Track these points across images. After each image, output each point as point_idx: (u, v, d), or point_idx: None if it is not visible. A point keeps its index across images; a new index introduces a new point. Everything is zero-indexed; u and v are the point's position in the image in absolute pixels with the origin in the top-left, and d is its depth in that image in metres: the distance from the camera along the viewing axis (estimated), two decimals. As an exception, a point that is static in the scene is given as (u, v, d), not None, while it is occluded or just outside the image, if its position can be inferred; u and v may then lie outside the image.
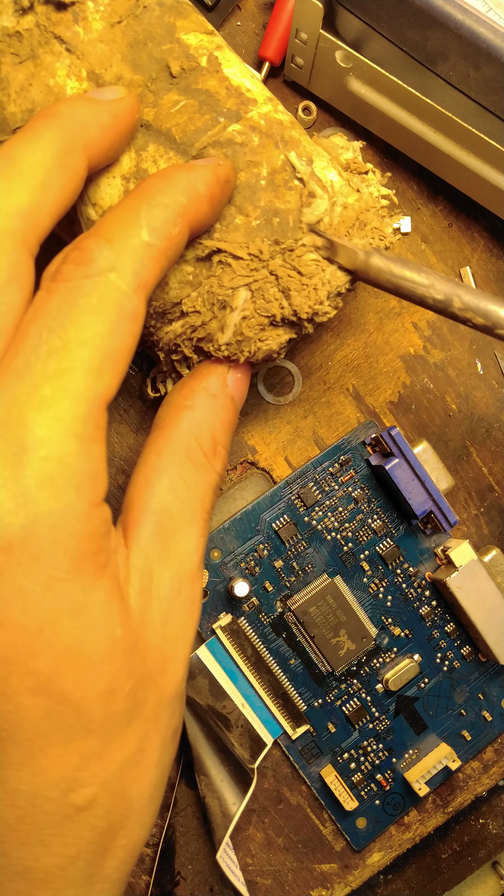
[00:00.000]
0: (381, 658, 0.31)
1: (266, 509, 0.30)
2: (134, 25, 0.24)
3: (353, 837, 0.31)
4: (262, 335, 0.24)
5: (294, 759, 0.31)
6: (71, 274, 0.19)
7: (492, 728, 0.32)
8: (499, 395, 0.33)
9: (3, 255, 0.19)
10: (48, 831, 0.18)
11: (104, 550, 0.19)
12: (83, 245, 0.19)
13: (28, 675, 0.17)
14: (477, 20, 0.25)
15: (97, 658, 0.18)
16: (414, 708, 0.31)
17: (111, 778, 0.19)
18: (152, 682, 0.20)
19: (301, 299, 0.24)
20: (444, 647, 0.31)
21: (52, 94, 0.24)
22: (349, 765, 0.31)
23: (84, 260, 0.19)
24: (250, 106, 0.24)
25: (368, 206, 0.25)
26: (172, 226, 0.20)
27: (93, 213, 0.24)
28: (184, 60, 0.24)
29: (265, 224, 0.23)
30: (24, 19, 0.24)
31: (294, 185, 0.24)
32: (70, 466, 0.17)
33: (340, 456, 0.31)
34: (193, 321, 0.24)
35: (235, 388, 0.24)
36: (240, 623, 0.30)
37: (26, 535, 0.17)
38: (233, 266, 0.23)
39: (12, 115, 0.24)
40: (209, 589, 0.30)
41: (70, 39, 0.24)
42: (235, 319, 0.24)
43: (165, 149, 0.24)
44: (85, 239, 0.19)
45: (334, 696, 0.31)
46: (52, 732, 0.18)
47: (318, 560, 0.31)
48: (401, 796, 0.31)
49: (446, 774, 0.31)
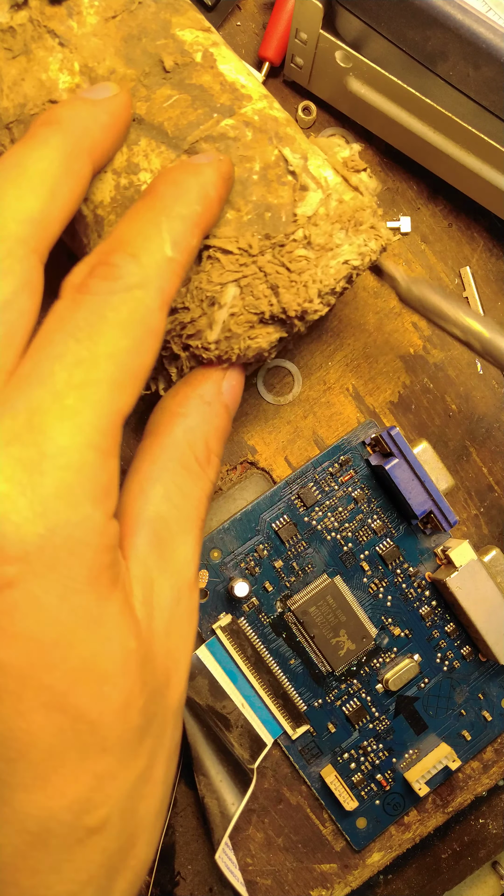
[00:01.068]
0: (381, 658, 0.31)
1: (266, 509, 0.30)
2: (128, 20, 0.24)
3: (354, 837, 0.31)
4: (251, 333, 0.24)
5: (294, 759, 0.31)
6: (99, 288, 0.19)
7: (492, 728, 0.32)
8: (499, 395, 0.33)
9: (17, 263, 0.19)
10: (60, 857, 0.17)
11: (117, 563, 0.18)
12: (110, 260, 0.19)
13: (42, 690, 0.17)
14: (477, 20, 0.25)
15: (113, 671, 0.18)
16: (414, 708, 0.31)
17: (124, 797, 0.18)
18: (160, 695, 0.19)
19: (290, 296, 0.24)
20: (444, 647, 0.31)
21: (45, 88, 0.24)
22: (349, 765, 0.31)
23: (112, 275, 0.19)
24: (244, 102, 0.24)
25: (364, 206, 0.25)
26: (191, 237, 0.20)
27: (84, 208, 0.24)
28: (178, 56, 0.24)
29: (256, 219, 0.23)
30: (18, 15, 0.23)
31: (287, 181, 0.24)
32: (88, 477, 0.17)
33: (340, 456, 0.31)
34: (182, 318, 0.24)
35: (230, 395, 0.24)
36: (240, 623, 0.30)
37: (44, 544, 0.17)
38: (222, 261, 0.23)
39: (4, 110, 0.24)
40: (209, 589, 0.30)
41: (63, 34, 0.24)
42: (224, 316, 0.24)
43: (157, 143, 0.24)
44: (111, 253, 0.19)
45: (334, 696, 0.31)
46: (66, 751, 0.17)
47: (318, 560, 0.31)
48: (401, 796, 0.31)
49: (446, 774, 0.31)
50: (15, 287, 0.18)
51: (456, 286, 0.33)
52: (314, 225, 0.24)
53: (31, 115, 0.24)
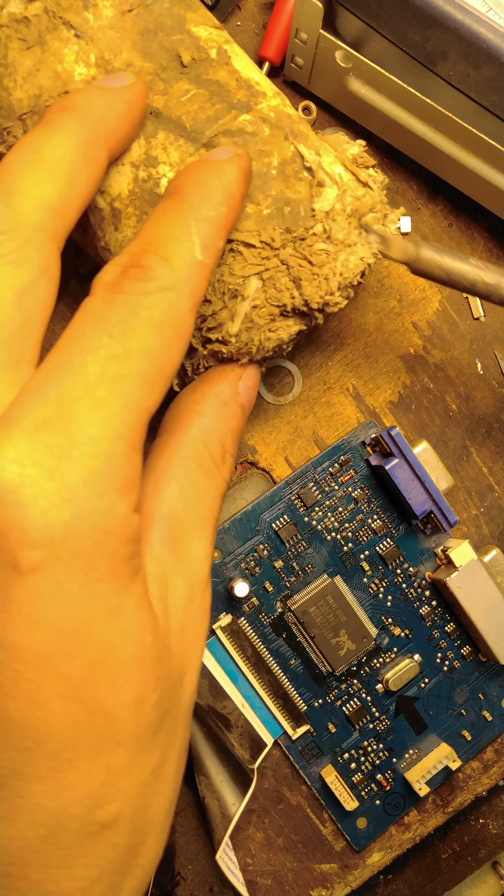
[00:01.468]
0: (381, 658, 0.31)
1: (266, 509, 0.30)
2: (144, 14, 0.24)
3: (354, 837, 0.31)
4: (272, 325, 0.24)
5: (294, 759, 0.31)
6: (133, 288, 0.19)
7: (492, 728, 0.32)
8: (499, 395, 0.33)
9: (35, 250, 0.19)
10: (71, 851, 0.17)
11: (137, 556, 0.18)
12: (142, 262, 0.19)
13: (60, 679, 0.17)
14: (477, 20, 0.25)
15: (129, 663, 0.18)
16: (414, 708, 0.31)
17: (136, 793, 0.18)
18: (174, 692, 0.19)
19: (312, 289, 0.24)
20: (444, 647, 0.31)
21: (60, 79, 0.24)
22: (349, 765, 0.31)
23: (145, 276, 0.19)
24: (260, 98, 0.24)
25: (375, 202, 0.25)
26: (219, 240, 0.21)
27: (101, 201, 0.24)
28: (194, 51, 0.24)
29: (276, 213, 0.24)
30: (33, 5, 0.23)
31: (303, 177, 0.24)
32: (116, 468, 0.17)
33: (340, 456, 0.31)
34: (203, 310, 0.24)
35: (246, 395, 0.24)
36: (240, 623, 0.30)
37: (69, 531, 0.16)
38: (244, 254, 0.23)
39: (18, 100, 0.24)
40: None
41: (79, 25, 0.24)
42: (246, 308, 0.24)
43: (175, 136, 0.24)
44: (142, 255, 0.19)
45: (334, 697, 0.31)
46: (81, 743, 0.17)
47: (318, 560, 0.31)
48: (401, 796, 0.31)
49: (447, 774, 0.31)
50: (33, 275, 0.19)
51: (456, 286, 0.33)
52: (332, 220, 0.24)
53: (45, 106, 0.24)
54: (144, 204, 0.24)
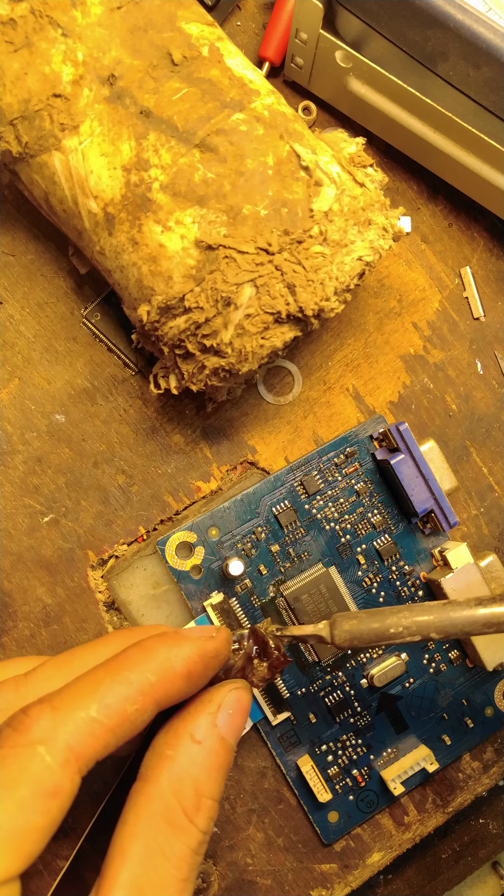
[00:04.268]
0: (368, 653, 0.31)
1: (267, 493, 0.30)
2: (134, 11, 0.24)
3: (324, 831, 0.31)
4: (266, 333, 0.24)
5: (272, 745, 0.30)
6: (5, 740, 0.18)
7: (472, 735, 0.31)
8: (499, 395, 0.33)
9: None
10: None
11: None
12: (29, 711, 0.18)
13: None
14: (477, 20, 0.25)
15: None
16: (396, 707, 0.31)
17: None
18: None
19: (307, 295, 0.23)
20: (432, 650, 0.31)
21: (48, 82, 0.23)
22: (326, 757, 0.31)
23: (22, 727, 0.18)
24: (254, 97, 0.24)
25: (373, 201, 0.25)
26: (130, 703, 0.19)
27: (94, 205, 0.24)
28: (185, 49, 0.24)
29: (274, 214, 0.23)
30: (19, 6, 0.23)
31: (300, 177, 0.24)
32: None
33: (346, 447, 0.31)
34: (197, 317, 0.24)
35: (227, 726, 0.22)
36: (231, 603, 0.30)
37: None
38: (237, 261, 0.23)
39: (8, 105, 0.24)
40: (203, 566, 0.30)
41: (66, 24, 0.23)
42: (239, 317, 0.23)
43: (167, 137, 0.23)
44: (35, 705, 0.19)
45: (318, 687, 0.30)
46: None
47: (315, 548, 0.31)
48: (375, 794, 0.31)
49: (423, 776, 0.31)
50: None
51: (456, 286, 0.33)
52: (329, 221, 0.24)
53: (35, 110, 0.24)
54: (137, 209, 0.24)
